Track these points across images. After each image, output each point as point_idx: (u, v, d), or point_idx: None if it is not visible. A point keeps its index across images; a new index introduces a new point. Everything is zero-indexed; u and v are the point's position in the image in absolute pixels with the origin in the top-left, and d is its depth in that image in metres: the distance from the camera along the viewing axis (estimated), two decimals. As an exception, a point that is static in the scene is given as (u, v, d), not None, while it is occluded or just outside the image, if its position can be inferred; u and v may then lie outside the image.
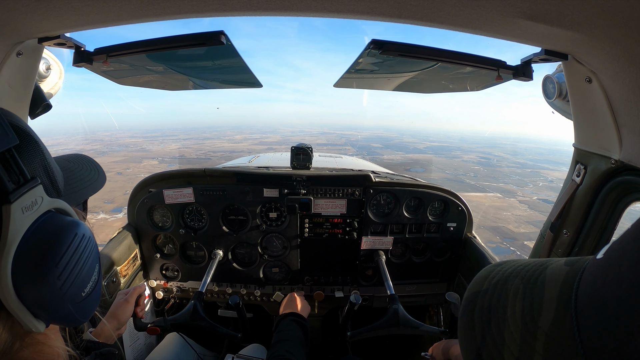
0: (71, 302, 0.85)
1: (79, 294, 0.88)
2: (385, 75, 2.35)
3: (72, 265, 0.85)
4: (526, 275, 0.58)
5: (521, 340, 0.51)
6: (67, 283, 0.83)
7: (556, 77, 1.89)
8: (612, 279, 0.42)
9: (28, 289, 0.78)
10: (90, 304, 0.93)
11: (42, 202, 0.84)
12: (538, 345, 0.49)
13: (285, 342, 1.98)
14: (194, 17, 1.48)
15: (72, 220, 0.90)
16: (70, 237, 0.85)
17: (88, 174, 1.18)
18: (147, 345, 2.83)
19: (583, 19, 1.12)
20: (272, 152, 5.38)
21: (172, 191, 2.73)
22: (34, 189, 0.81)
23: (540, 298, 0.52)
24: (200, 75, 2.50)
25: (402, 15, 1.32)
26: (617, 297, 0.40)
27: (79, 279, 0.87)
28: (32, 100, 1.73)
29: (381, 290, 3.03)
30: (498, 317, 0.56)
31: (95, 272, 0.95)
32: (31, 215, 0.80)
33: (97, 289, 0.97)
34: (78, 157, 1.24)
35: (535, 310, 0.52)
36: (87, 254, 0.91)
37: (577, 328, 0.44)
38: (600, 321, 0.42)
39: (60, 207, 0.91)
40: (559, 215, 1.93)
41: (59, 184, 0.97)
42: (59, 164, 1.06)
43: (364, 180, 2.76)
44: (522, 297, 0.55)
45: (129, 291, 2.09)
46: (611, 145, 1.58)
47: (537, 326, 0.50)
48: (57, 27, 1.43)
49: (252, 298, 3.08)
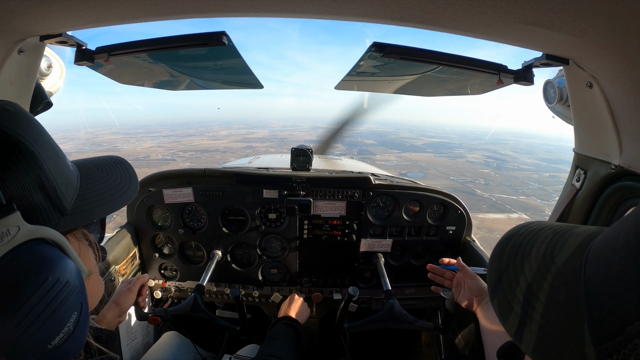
0: (33, 354, 0.74)
1: (43, 346, 0.75)
2: (386, 78, 2.35)
3: (36, 315, 0.73)
4: (559, 229, 0.66)
5: (537, 270, 0.61)
6: (28, 333, 0.72)
7: (557, 82, 1.90)
8: (613, 238, 0.50)
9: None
10: (60, 356, 0.79)
11: (17, 232, 0.73)
12: (549, 275, 0.58)
13: (275, 341, 1.98)
14: (195, 18, 1.48)
15: (51, 256, 0.78)
16: (38, 280, 0.74)
17: (114, 185, 1.05)
18: (145, 344, 2.83)
19: (584, 25, 1.12)
20: (271, 155, 5.38)
21: (171, 191, 2.73)
22: (6, 217, 0.71)
23: (564, 243, 0.61)
24: (201, 75, 2.50)
25: (404, 18, 1.33)
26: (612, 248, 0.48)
27: (43, 329, 0.74)
28: (33, 97, 1.73)
29: (379, 293, 3.03)
30: (524, 252, 0.66)
31: (70, 322, 0.80)
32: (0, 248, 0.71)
33: (74, 340, 0.82)
34: (112, 161, 1.12)
35: (557, 250, 0.60)
36: (58, 301, 0.77)
37: (584, 266, 0.52)
38: (600, 264, 0.49)
39: (47, 236, 0.79)
40: (558, 220, 1.93)
41: (65, 202, 0.87)
42: (83, 170, 0.97)
43: (364, 182, 2.76)
44: (549, 241, 0.64)
45: (132, 280, 2.11)
46: (611, 151, 1.58)
47: (553, 262, 0.59)
48: (59, 25, 1.43)
49: (251, 299, 3.07)
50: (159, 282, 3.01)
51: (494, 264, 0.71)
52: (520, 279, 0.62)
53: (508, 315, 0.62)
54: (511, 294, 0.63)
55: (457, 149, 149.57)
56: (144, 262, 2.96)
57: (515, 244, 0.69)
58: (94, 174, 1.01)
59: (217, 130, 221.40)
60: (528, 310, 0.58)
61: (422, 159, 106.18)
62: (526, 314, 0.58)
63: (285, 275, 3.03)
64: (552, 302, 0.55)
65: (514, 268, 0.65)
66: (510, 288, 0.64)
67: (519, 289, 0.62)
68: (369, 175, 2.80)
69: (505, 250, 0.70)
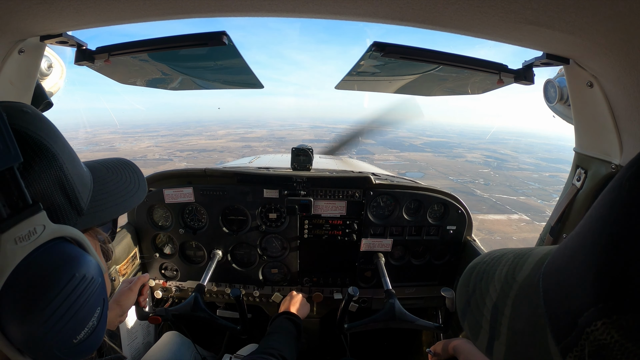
0: (58, 349, 0.77)
1: (69, 341, 0.78)
2: (386, 78, 2.35)
3: (64, 311, 0.75)
4: (520, 252, 0.72)
5: (500, 290, 0.66)
6: (55, 330, 0.74)
7: (557, 82, 1.89)
8: (565, 248, 0.55)
9: (11, 328, 0.71)
10: (84, 350, 0.83)
11: (43, 230, 0.75)
12: (512, 292, 0.63)
13: (274, 335, 1.98)
14: (195, 17, 1.48)
15: (75, 254, 0.80)
16: (66, 277, 0.76)
17: (125, 186, 1.07)
18: (145, 344, 2.83)
19: (585, 25, 1.12)
20: (271, 155, 5.39)
21: (172, 190, 2.73)
22: (33, 216, 0.73)
23: (523, 263, 0.66)
24: (201, 75, 2.50)
25: (405, 18, 1.33)
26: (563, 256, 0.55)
27: (69, 325, 0.77)
28: (33, 98, 1.73)
29: (380, 293, 3.03)
30: (488, 276, 0.71)
31: (94, 317, 0.84)
32: (27, 247, 0.72)
33: (96, 335, 0.86)
34: (120, 163, 1.15)
35: (517, 270, 0.66)
36: (84, 297, 0.80)
37: (541, 279, 0.58)
38: (553, 272, 0.56)
39: (69, 235, 0.81)
40: (558, 219, 1.93)
41: (82, 202, 0.89)
42: (94, 172, 0.99)
43: (364, 182, 2.76)
44: (510, 264, 0.69)
45: (133, 280, 2.11)
46: (612, 150, 1.57)
47: (514, 280, 0.64)
48: (59, 25, 1.43)
49: (251, 299, 3.08)
50: (159, 282, 3.01)
51: (462, 290, 0.77)
52: (486, 300, 0.68)
53: (478, 333, 0.67)
54: (479, 314, 0.69)
55: (457, 149, 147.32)
56: (145, 262, 2.96)
57: (480, 271, 0.75)
58: (105, 175, 1.03)
59: (216, 129, 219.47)
60: (495, 325, 0.64)
61: (421, 159, 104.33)
62: (494, 330, 0.64)
63: (285, 275, 3.03)
64: (516, 315, 0.60)
65: (479, 291, 0.71)
66: (478, 309, 0.69)
67: (486, 309, 0.67)
68: (369, 175, 2.81)
69: (471, 277, 0.76)
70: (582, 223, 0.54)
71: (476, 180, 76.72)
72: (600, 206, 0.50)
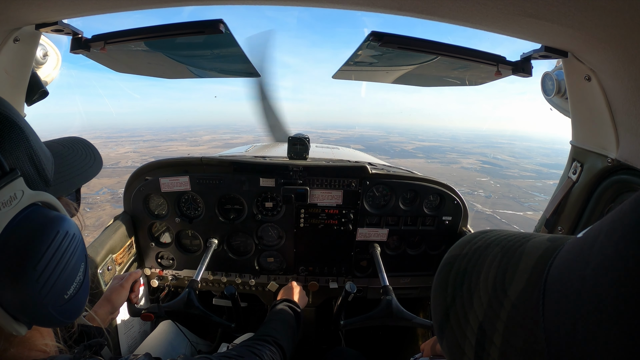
0: (52, 306, 0.80)
1: (61, 297, 0.82)
2: (384, 68, 2.34)
3: (53, 267, 0.79)
4: (507, 244, 0.58)
5: (487, 306, 0.52)
6: (47, 286, 0.78)
7: (555, 74, 1.90)
8: (582, 258, 0.41)
9: (4, 292, 0.74)
10: (74, 306, 0.87)
11: (22, 195, 0.78)
12: (503, 313, 0.49)
13: (273, 322, 1.96)
14: (192, 5, 1.47)
15: (55, 215, 0.84)
16: (51, 235, 0.80)
17: (82, 159, 1.12)
18: (142, 332, 2.85)
19: (584, 18, 1.12)
20: (268, 143, 5.36)
21: (168, 179, 2.72)
22: (12, 182, 0.75)
23: (515, 268, 0.52)
24: (198, 64, 2.48)
25: (403, 8, 1.32)
26: (582, 276, 0.39)
27: (60, 281, 0.81)
28: (28, 86, 1.72)
29: (375, 282, 3.05)
30: (471, 280, 0.57)
31: (80, 272, 0.89)
32: (10, 212, 0.75)
33: (84, 289, 0.91)
34: (73, 140, 1.19)
35: (508, 279, 0.52)
36: (70, 252, 0.84)
37: (542, 301, 0.44)
38: (562, 298, 0.41)
39: (45, 200, 0.85)
40: (554, 212, 1.94)
41: (48, 173, 0.92)
42: (52, 149, 1.02)
43: (361, 171, 2.77)
44: (497, 265, 0.55)
45: (125, 276, 2.08)
46: (608, 144, 1.58)
47: (505, 294, 0.50)
48: (54, 13, 1.42)
49: (247, 287, 3.09)
50: (155, 270, 3.02)
51: (438, 297, 0.61)
52: (469, 317, 0.54)
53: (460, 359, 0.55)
54: (461, 335, 0.55)
55: (450, 154, 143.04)
56: (141, 251, 2.96)
57: (459, 270, 0.61)
58: (62, 151, 1.08)
59: (201, 134, 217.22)
60: (482, 356, 0.51)
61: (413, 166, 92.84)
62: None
63: (281, 263, 3.04)
64: (509, 348, 0.47)
65: (461, 302, 0.57)
66: (459, 328, 0.55)
67: (470, 330, 0.54)
68: (366, 165, 2.80)
69: (449, 279, 0.61)
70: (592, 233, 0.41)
71: (475, 192, 67.61)
72: None
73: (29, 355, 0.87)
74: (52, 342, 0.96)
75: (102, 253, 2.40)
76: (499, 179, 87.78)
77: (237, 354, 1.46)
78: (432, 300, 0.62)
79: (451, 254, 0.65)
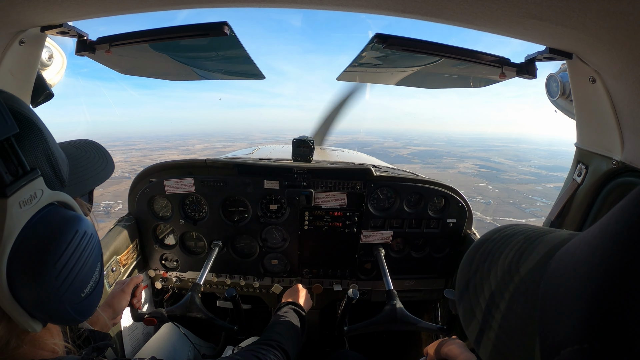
0: (69, 303, 0.82)
1: (78, 295, 0.84)
2: (388, 70, 2.34)
3: (72, 265, 0.81)
4: (531, 235, 0.64)
5: (500, 279, 0.60)
6: (66, 284, 0.80)
7: (560, 76, 1.89)
8: (583, 247, 0.45)
9: (24, 289, 0.75)
10: (90, 304, 0.89)
11: (42, 195, 0.80)
12: (511, 285, 0.57)
13: (277, 326, 1.94)
14: (197, 8, 1.48)
15: (73, 215, 0.86)
16: (70, 234, 0.81)
17: (95, 162, 1.13)
18: (145, 334, 2.85)
19: (588, 20, 1.12)
20: (272, 146, 5.37)
21: (172, 181, 2.73)
22: (33, 181, 0.77)
23: (531, 252, 0.59)
24: (203, 65, 2.49)
25: (407, 10, 1.32)
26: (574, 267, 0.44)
27: (78, 279, 0.83)
28: (34, 88, 1.73)
29: (379, 285, 3.04)
30: (493, 259, 0.65)
31: (96, 271, 0.91)
32: (29, 210, 0.76)
33: (99, 288, 0.93)
34: (86, 143, 1.19)
35: (522, 259, 0.59)
36: (88, 252, 0.86)
37: (543, 279, 0.50)
38: (559, 278, 0.47)
39: (63, 200, 0.87)
40: (558, 214, 1.93)
41: (63, 174, 0.93)
42: (65, 150, 1.02)
43: (365, 174, 2.76)
44: (517, 249, 0.62)
45: (126, 281, 2.07)
46: (613, 146, 1.57)
47: (517, 271, 0.58)
48: (60, 16, 1.43)
49: (251, 290, 3.09)
50: (160, 272, 3.02)
51: (464, 269, 0.71)
52: (484, 287, 0.63)
53: (470, 321, 0.63)
54: (475, 301, 0.64)
55: (446, 158, 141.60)
56: (145, 252, 2.97)
57: (486, 250, 0.69)
58: (76, 153, 1.09)
59: (194, 143, 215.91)
60: (488, 318, 0.59)
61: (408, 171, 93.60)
62: (486, 322, 0.59)
63: (285, 266, 3.04)
64: (510, 312, 0.55)
65: (480, 275, 0.66)
66: (475, 295, 0.64)
67: (482, 297, 0.62)
68: (370, 167, 2.80)
69: (476, 256, 0.70)
70: (596, 227, 0.44)
71: (474, 198, 65.95)
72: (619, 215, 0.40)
73: (40, 354, 0.87)
74: (61, 342, 0.97)
75: (106, 254, 2.40)
76: (498, 183, 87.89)
77: (242, 358, 1.45)
78: (459, 272, 0.73)
79: (482, 238, 0.73)
